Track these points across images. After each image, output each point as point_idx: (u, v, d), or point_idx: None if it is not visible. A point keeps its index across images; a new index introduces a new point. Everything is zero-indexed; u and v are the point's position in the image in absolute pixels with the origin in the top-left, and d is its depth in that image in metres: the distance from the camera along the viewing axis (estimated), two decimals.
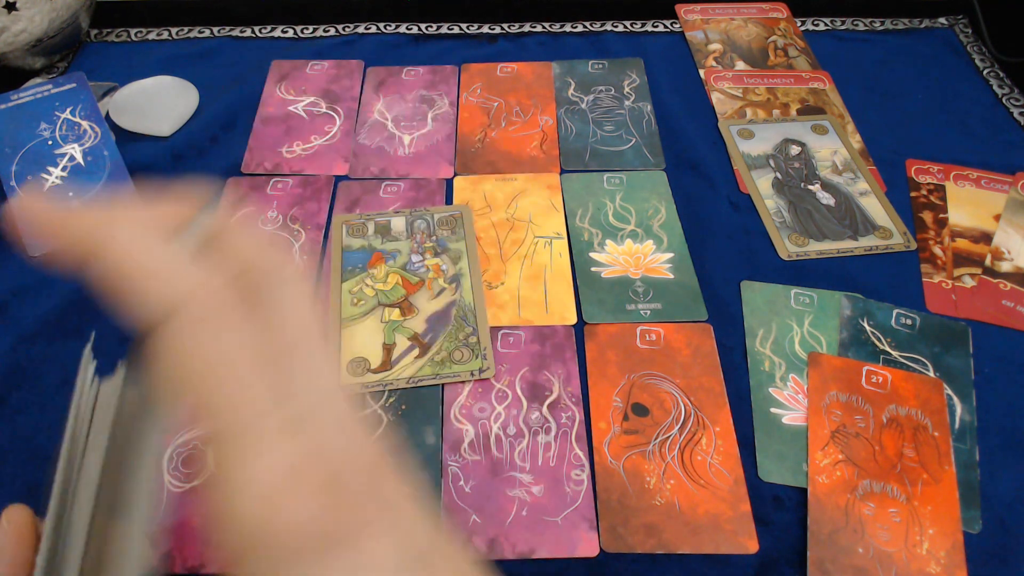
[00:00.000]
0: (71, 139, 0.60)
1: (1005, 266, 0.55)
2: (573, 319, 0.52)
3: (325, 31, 0.76)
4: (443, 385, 0.48)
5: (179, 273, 0.19)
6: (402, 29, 0.76)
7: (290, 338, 0.20)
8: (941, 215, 0.59)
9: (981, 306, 0.53)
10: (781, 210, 0.59)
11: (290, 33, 0.76)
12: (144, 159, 0.61)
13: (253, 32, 0.76)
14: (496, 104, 0.68)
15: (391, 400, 0.47)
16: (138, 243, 0.19)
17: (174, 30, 0.76)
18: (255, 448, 0.18)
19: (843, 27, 0.78)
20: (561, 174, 0.62)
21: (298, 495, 0.18)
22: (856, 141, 0.65)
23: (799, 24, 0.78)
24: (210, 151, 0.63)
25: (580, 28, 0.77)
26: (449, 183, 0.61)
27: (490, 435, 0.46)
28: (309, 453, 0.18)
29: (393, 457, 0.20)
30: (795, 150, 0.64)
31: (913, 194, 0.61)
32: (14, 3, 0.63)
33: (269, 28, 0.76)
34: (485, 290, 0.53)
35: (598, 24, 0.78)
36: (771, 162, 0.63)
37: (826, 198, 0.60)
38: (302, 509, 0.17)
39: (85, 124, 0.61)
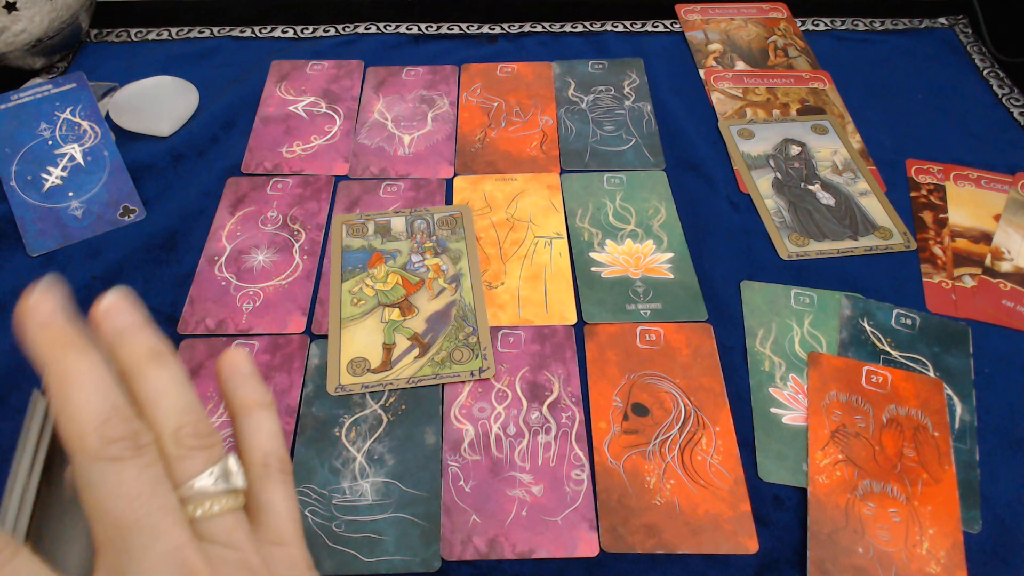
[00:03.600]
0: (71, 139, 0.60)
1: (1005, 266, 0.55)
2: (573, 319, 0.52)
3: (325, 31, 0.76)
4: (443, 385, 0.48)
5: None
6: (402, 29, 0.76)
7: None
8: (941, 215, 0.59)
9: (981, 306, 0.53)
10: (781, 210, 0.59)
11: (290, 33, 0.76)
12: (144, 159, 0.61)
13: (253, 32, 0.76)
14: (496, 104, 0.68)
15: (391, 400, 0.47)
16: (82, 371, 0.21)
17: (174, 30, 0.76)
18: None
19: (843, 27, 0.78)
20: (561, 174, 0.62)
21: None
22: (856, 141, 0.65)
23: (799, 24, 0.78)
24: (210, 151, 0.63)
25: (580, 28, 0.77)
26: (449, 183, 0.61)
27: (490, 435, 0.46)
28: None
29: None
30: (795, 150, 0.64)
31: (913, 194, 0.61)
32: (14, 3, 0.63)
33: (269, 28, 0.76)
34: (485, 290, 0.53)
35: (598, 24, 0.78)
36: (771, 162, 0.63)
37: (826, 198, 0.60)
38: None
39: (85, 124, 0.61)
